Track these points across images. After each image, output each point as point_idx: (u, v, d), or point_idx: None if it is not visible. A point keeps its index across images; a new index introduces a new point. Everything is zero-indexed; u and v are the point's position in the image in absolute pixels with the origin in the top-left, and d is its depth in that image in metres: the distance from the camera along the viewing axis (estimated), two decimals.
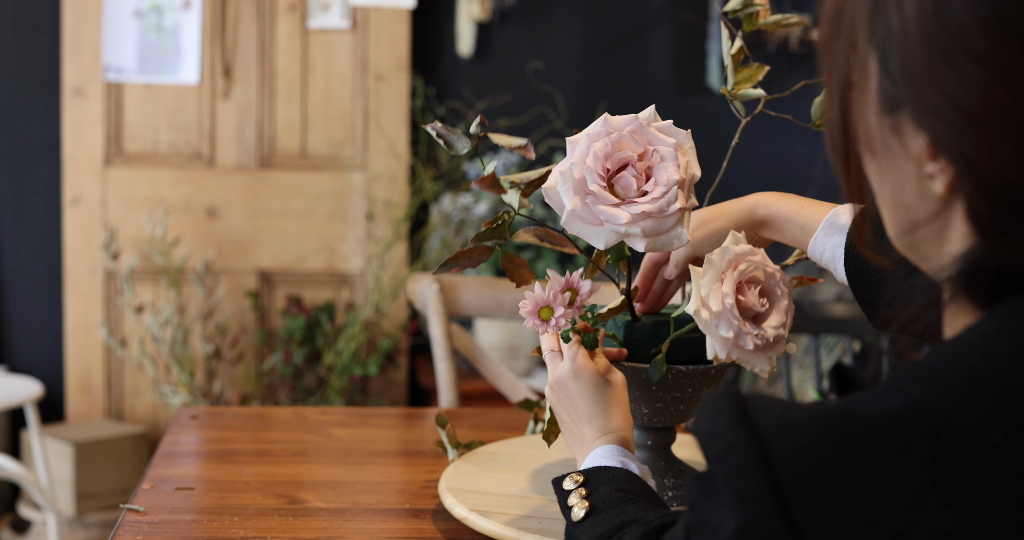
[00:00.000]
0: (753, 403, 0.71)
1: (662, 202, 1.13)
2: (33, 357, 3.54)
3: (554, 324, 1.17)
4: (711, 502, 0.71)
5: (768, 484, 0.67)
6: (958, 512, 0.65)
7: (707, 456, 0.71)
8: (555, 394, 1.19)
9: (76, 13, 3.38)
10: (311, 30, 3.46)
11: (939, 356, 0.70)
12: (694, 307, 1.14)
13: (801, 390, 3.30)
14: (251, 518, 1.29)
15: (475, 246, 1.21)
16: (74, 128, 3.41)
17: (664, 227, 1.14)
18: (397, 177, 3.47)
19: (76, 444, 3.19)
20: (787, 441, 0.68)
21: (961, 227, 0.71)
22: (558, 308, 1.17)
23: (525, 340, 3.41)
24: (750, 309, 1.17)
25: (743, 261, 1.17)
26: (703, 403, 0.73)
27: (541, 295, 1.18)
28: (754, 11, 1.32)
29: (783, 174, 3.76)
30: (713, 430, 0.71)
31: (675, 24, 3.70)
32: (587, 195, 1.14)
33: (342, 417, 1.80)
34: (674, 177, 1.14)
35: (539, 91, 3.64)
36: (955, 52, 0.67)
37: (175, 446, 1.59)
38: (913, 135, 0.71)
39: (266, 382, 3.48)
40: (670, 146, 1.16)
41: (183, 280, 3.41)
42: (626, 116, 1.18)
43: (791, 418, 0.69)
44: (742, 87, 1.32)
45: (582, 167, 1.14)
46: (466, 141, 1.22)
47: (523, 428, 1.70)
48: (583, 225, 1.15)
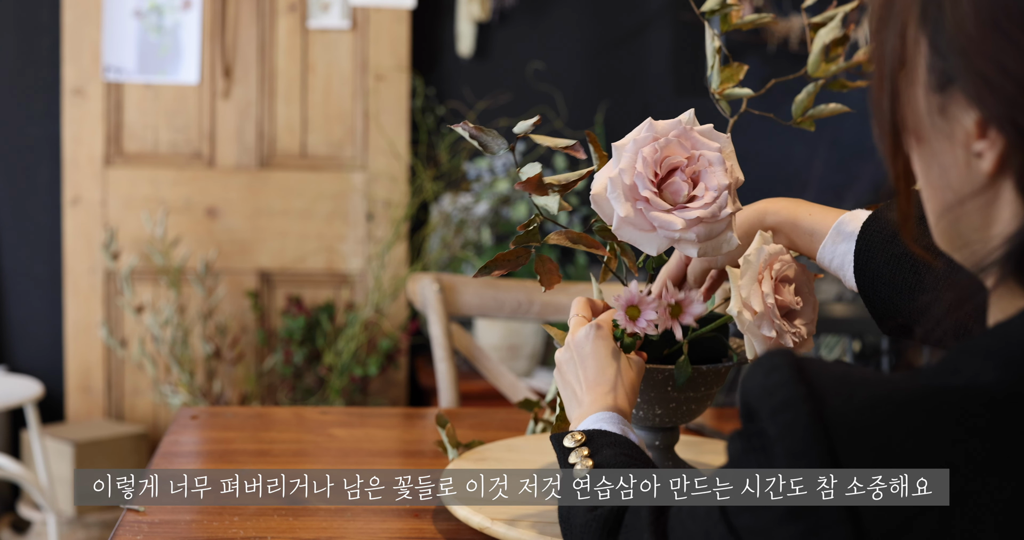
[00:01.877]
0: (810, 363, 0.72)
1: (714, 207, 1.14)
2: (33, 357, 3.54)
3: (635, 326, 1.16)
4: (756, 457, 0.71)
5: (822, 442, 0.67)
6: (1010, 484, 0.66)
7: (759, 411, 0.71)
8: (566, 354, 1.17)
9: (76, 13, 3.38)
10: (311, 30, 3.46)
11: (995, 336, 0.70)
12: (736, 309, 1.15)
13: None
14: (251, 518, 1.29)
15: (515, 249, 1.20)
16: (74, 128, 3.41)
17: (715, 232, 1.15)
18: (397, 177, 3.47)
19: (76, 444, 3.19)
20: (845, 402, 0.68)
21: (1010, 207, 0.71)
22: (648, 312, 1.16)
23: (525, 340, 3.41)
24: (786, 307, 1.18)
25: (776, 260, 1.18)
26: (758, 360, 0.73)
27: (636, 294, 1.16)
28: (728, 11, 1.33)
29: (782, 174, 3.76)
30: (769, 385, 0.71)
31: (675, 24, 3.70)
32: (638, 201, 1.13)
33: (342, 417, 1.80)
34: (724, 181, 1.14)
35: (539, 91, 3.64)
36: (1007, 22, 0.68)
37: (175, 446, 1.59)
38: (962, 112, 0.71)
39: (266, 382, 3.48)
40: (715, 150, 1.16)
41: (183, 280, 3.41)
42: (670, 120, 1.17)
43: (850, 380, 0.70)
44: (726, 86, 1.33)
45: (632, 173, 1.13)
46: (502, 141, 1.21)
47: (523, 428, 1.70)
48: (634, 231, 1.14)
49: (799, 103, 1.36)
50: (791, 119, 1.37)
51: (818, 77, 1.35)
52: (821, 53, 1.35)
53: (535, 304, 2.11)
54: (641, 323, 1.15)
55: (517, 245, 1.20)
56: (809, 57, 1.36)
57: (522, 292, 2.11)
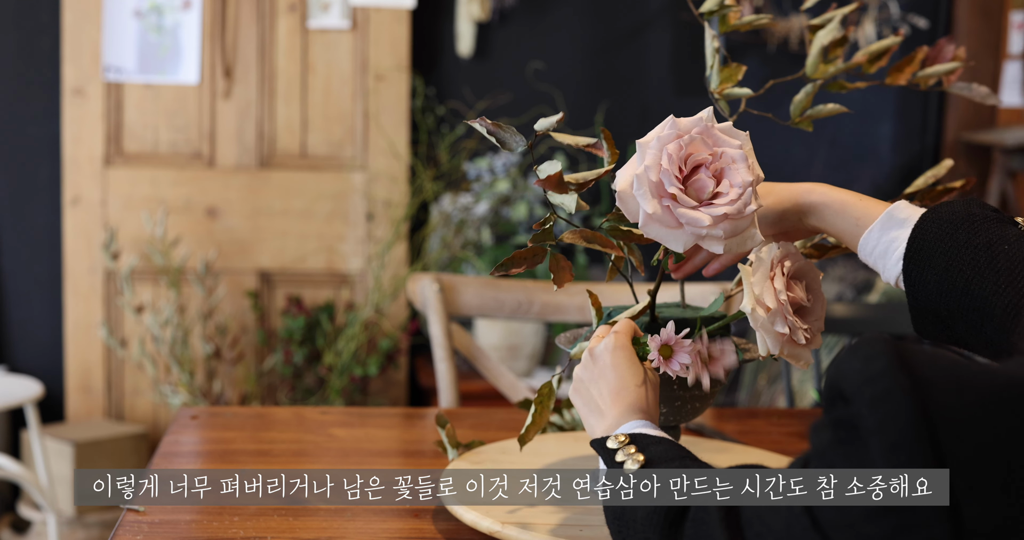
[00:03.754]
0: (915, 352, 0.68)
1: (739, 203, 1.14)
2: (33, 357, 3.54)
3: (667, 366, 1.17)
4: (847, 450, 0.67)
5: (926, 437, 0.64)
6: None
7: (854, 399, 0.67)
8: (586, 371, 1.16)
9: (76, 13, 3.38)
10: (311, 30, 3.46)
11: None
12: (749, 306, 1.15)
13: (801, 390, 3.30)
14: (251, 518, 1.29)
15: (532, 247, 1.21)
16: (74, 128, 3.41)
17: (740, 228, 1.15)
18: (397, 177, 3.47)
19: (76, 444, 3.19)
20: (954, 397, 0.65)
21: None
22: (681, 355, 1.17)
23: (525, 340, 3.41)
24: (797, 303, 1.19)
25: (787, 257, 1.18)
26: (856, 345, 0.69)
27: (671, 336, 1.17)
28: (726, 12, 1.33)
29: (782, 174, 3.76)
30: (868, 373, 0.67)
31: (675, 24, 3.70)
32: (664, 198, 1.13)
33: (342, 417, 1.80)
34: (747, 178, 1.15)
35: (539, 91, 3.64)
36: None
37: (175, 446, 1.59)
38: None
39: (266, 382, 3.48)
40: (736, 147, 1.16)
41: (183, 280, 3.41)
42: (691, 118, 1.17)
43: (961, 374, 0.66)
44: (725, 86, 1.33)
45: (657, 170, 1.14)
46: (521, 138, 1.21)
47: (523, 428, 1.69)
48: (660, 228, 1.15)
49: (797, 103, 1.36)
50: (790, 119, 1.37)
51: (816, 78, 1.35)
52: (820, 54, 1.35)
53: (535, 304, 2.11)
54: (674, 366, 1.16)
55: (534, 243, 1.20)
56: (808, 58, 1.36)
57: (522, 292, 2.11)
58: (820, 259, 1.32)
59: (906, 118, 3.84)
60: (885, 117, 3.82)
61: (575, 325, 2.86)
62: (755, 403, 3.49)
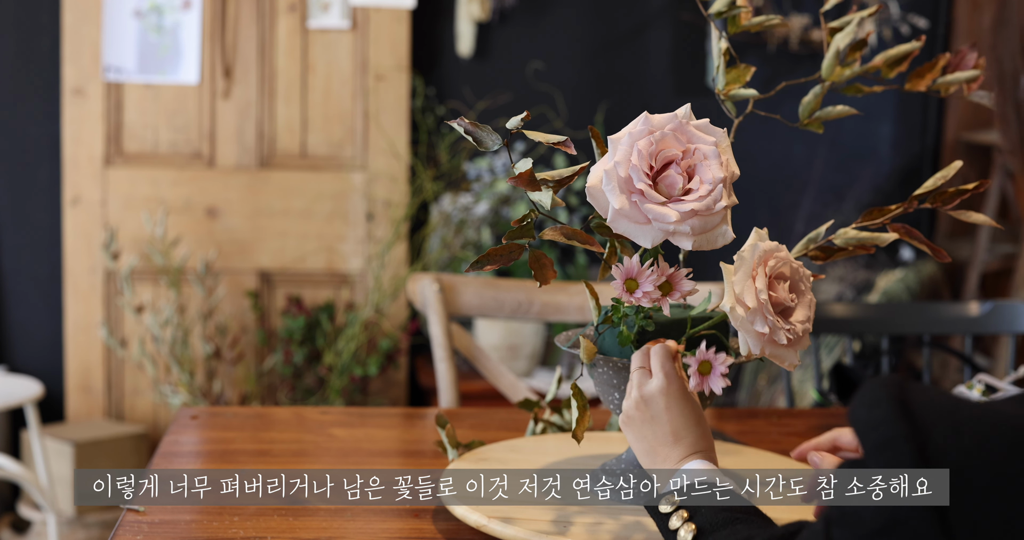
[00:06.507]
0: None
1: (709, 200, 1.14)
2: (33, 357, 3.54)
3: (635, 298, 1.17)
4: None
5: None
6: None
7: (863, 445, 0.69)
8: (639, 412, 1.15)
9: (76, 13, 3.38)
10: (311, 30, 3.46)
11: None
12: (729, 304, 1.15)
13: (801, 390, 3.30)
14: (251, 518, 1.29)
15: (508, 244, 1.20)
16: (74, 128, 3.41)
17: (710, 225, 1.15)
18: (397, 177, 3.47)
19: (76, 444, 3.19)
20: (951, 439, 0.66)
21: None
22: (645, 284, 1.17)
23: (525, 340, 3.41)
24: (780, 304, 1.18)
25: (771, 257, 1.18)
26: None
27: (632, 267, 1.17)
28: (737, 13, 1.33)
29: (782, 174, 3.76)
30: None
31: (675, 24, 3.70)
32: (633, 193, 1.14)
33: (342, 417, 1.80)
34: (719, 175, 1.15)
35: (539, 91, 3.65)
36: None
37: (175, 446, 1.60)
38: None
39: (266, 382, 3.48)
40: (711, 144, 1.16)
41: (183, 280, 3.41)
42: (666, 115, 1.17)
43: (958, 416, 0.67)
44: (732, 87, 1.33)
45: (627, 165, 1.14)
46: (497, 137, 1.21)
47: (523, 428, 1.70)
48: (629, 224, 1.15)
49: (806, 105, 1.35)
50: (795, 120, 1.37)
51: (832, 81, 1.35)
52: (835, 57, 1.34)
53: (535, 304, 2.11)
54: (638, 294, 1.16)
55: (509, 240, 1.20)
56: (824, 60, 1.35)
57: (522, 292, 2.11)
58: (825, 262, 1.32)
59: (906, 118, 3.84)
60: (885, 117, 3.82)
61: (575, 325, 2.86)
62: (755, 403, 3.49)
